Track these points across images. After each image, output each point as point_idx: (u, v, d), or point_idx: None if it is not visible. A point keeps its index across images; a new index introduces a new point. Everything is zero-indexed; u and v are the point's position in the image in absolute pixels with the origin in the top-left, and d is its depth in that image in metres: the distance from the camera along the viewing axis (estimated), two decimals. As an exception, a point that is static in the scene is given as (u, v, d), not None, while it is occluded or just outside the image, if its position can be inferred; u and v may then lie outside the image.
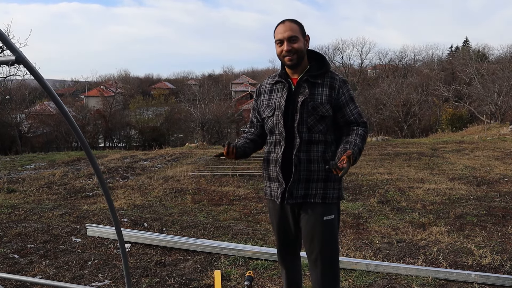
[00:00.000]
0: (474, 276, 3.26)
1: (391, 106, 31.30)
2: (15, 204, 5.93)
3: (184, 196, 6.65)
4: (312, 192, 2.22)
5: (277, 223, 2.40)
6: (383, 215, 5.29)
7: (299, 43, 2.21)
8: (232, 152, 2.17)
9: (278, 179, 2.26)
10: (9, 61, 1.30)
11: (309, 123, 2.20)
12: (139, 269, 3.56)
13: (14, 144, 24.41)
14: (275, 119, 2.27)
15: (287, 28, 2.21)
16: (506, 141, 14.48)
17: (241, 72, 72.01)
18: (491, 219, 5.07)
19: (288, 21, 2.25)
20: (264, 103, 2.36)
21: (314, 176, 2.21)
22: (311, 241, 2.25)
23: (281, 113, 2.24)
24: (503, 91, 26.09)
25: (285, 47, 2.21)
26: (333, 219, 2.25)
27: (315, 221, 2.22)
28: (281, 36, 2.22)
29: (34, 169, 9.79)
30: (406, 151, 12.15)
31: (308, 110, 2.20)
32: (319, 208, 2.23)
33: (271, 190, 2.34)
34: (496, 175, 7.91)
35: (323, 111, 2.20)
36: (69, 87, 60.92)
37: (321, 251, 2.23)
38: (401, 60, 46.29)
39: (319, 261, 2.25)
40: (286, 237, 2.41)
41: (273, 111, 2.29)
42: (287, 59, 2.23)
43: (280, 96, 2.28)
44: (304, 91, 2.22)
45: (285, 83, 2.29)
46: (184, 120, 32.88)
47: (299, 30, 2.24)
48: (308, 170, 2.21)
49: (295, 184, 2.21)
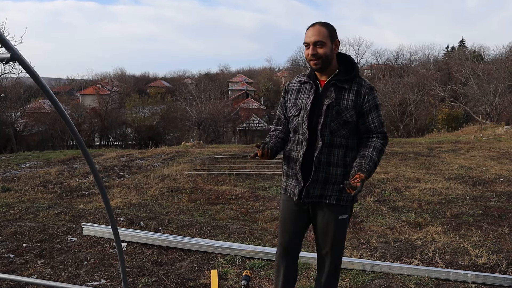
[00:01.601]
0: (470, 276, 3.27)
1: (387, 105, 31.40)
2: (10, 203, 5.89)
3: (180, 195, 6.63)
4: (328, 193, 2.28)
5: (288, 218, 2.44)
6: (379, 215, 5.30)
7: (325, 48, 2.22)
8: (267, 154, 2.23)
9: (297, 177, 2.31)
10: (4, 58, 1.28)
11: (332, 127, 2.23)
12: (136, 268, 3.54)
13: (9, 142, 24.25)
14: (300, 119, 2.30)
15: (315, 32, 2.22)
16: (501, 141, 14.55)
17: (237, 70, 72.08)
18: (487, 219, 5.09)
19: (319, 24, 2.25)
20: (290, 101, 2.39)
21: (332, 179, 2.27)
22: (324, 237, 2.36)
23: (306, 114, 2.27)
24: (499, 91, 26.24)
25: (310, 51, 2.22)
26: (346, 218, 2.36)
27: (330, 219, 2.32)
28: (308, 40, 2.24)
29: (30, 168, 9.73)
30: (402, 150, 12.17)
31: (332, 114, 2.23)
32: (334, 208, 2.31)
33: (287, 185, 2.41)
34: (492, 175, 7.95)
35: (347, 116, 2.23)
36: (64, 85, 60.73)
37: (332, 247, 2.37)
38: (398, 60, 46.47)
39: (328, 255, 2.39)
40: (293, 234, 2.45)
41: (298, 111, 2.32)
42: (312, 63, 2.25)
43: (306, 97, 2.31)
44: (331, 95, 2.25)
45: (313, 85, 2.31)
46: (181, 118, 32.82)
47: (328, 35, 2.23)
48: (327, 172, 2.26)
49: (312, 184, 2.27)
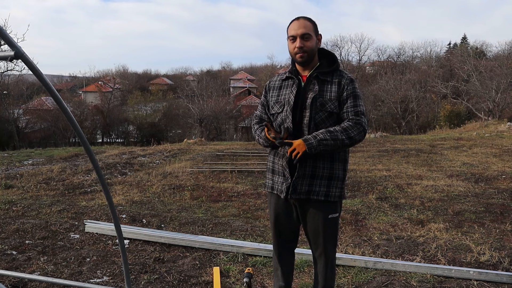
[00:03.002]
0: (473, 273, 3.27)
1: (389, 102, 31.35)
2: (13, 200, 5.91)
3: (182, 192, 6.64)
4: (315, 189, 2.25)
5: (276, 217, 2.42)
6: (381, 212, 5.30)
7: (311, 42, 2.24)
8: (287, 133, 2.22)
9: (284, 174, 2.29)
10: (8, 56, 1.28)
11: (317, 120, 2.22)
12: (138, 265, 3.55)
13: (11, 139, 24.32)
14: (283, 115, 2.29)
15: (301, 25, 2.23)
16: (503, 138, 14.50)
17: (239, 68, 71.87)
18: (489, 216, 5.09)
19: (303, 18, 2.27)
20: (273, 99, 2.38)
21: (318, 173, 2.25)
22: (316, 238, 2.34)
23: (289, 109, 2.26)
24: (501, 88, 26.14)
25: (297, 44, 2.22)
26: (337, 217, 2.34)
27: (321, 218, 2.29)
28: (294, 33, 2.23)
29: (32, 165, 9.76)
30: (404, 147, 12.15)
31: (316, 106, 2.22)
32: (324, 206, 2.29)
33: (273, 183, 2.38)
34: (494, 172, 7.92)
35: (332, 107, 2.23)
36: (67, 83, 60.85)
37: (325, 247, 2.35)
38: (399, 57, 46.38)
39: (323, 256, 2.38)
40: (284, 233, 2.44)
41: (282, 107, 2.31)
42: (298, 56, 2.24)
43: (289, 92, 2.30)
44: (314, 87, 2.24)
45: (295, 79, 2.31)
46: (182, 116, 32.84)
47: (313, 29, 2.26)
48: (314, 166, 2.24)
49: (299, 180, 2.25)
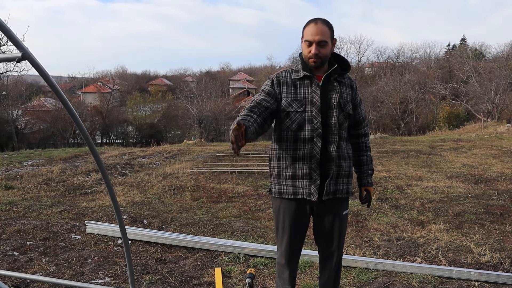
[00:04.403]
0: (474, 274, 3.28)
1: (388, 103, 31.42)
2: (13, 201, 5.91)
3: (183, 193, 6.65)
4: (339, 188, 2.27)
5: (295, 224, 2.32)
6: (382, 213, 5.31)
7: (327, 48, 2.19)
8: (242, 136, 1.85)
9: (311, 176, 2.19)
10: (16, 57, 1.29)
11: (340, 120, 2.24)
12: (140, 266, 3.56)
13: (10, 140, 24.31)
14: (307, 115, 2.19)
15: (318, 31, 2.16)
16: (503, 139, 14.53)
17: (238, 69, 71.82)
18: (489, 217, 5.10)
19: (321, 22, 2.18)
20: (289, 96, 2.23)
21: (342, 172, 2.27)
22: (331, 235, 2.33)
23: (316, 110, 2.19)
24: (500, 89, 26.24)
25: (313, 50, 2.17)
26: (347, 213, 2.38)
27: (336, 215, 2.31)
28: (311, 38, 2.17)
29: (32, 166, 9.75)
30: (404, 149, 12.17)
31: (340, 107, 2.24)
32: (341, 203, 2.32)
33: (294, 188, 2.24)
34: (494, 173, 7.95)
35: (349, 109, 2.27)
36: (66, 83, 60.85)
37: (339, 243, 2.35)
38: (399, 58, 46.54)
39: (335, 252, 2.36)
40: (299, 238, 2.37)
41: (303, 106, 2.21)
42: (311, 61, 2.20)
43: (311, 92, 2.22)
44: (336, 88, 2.25)
45: (314, 79, 2.24)
46: (182, 117, 32.86)
47: (329, 35, 2.20)
48: (339, 166, 2.25)
49: (332, 180, 2.23)
